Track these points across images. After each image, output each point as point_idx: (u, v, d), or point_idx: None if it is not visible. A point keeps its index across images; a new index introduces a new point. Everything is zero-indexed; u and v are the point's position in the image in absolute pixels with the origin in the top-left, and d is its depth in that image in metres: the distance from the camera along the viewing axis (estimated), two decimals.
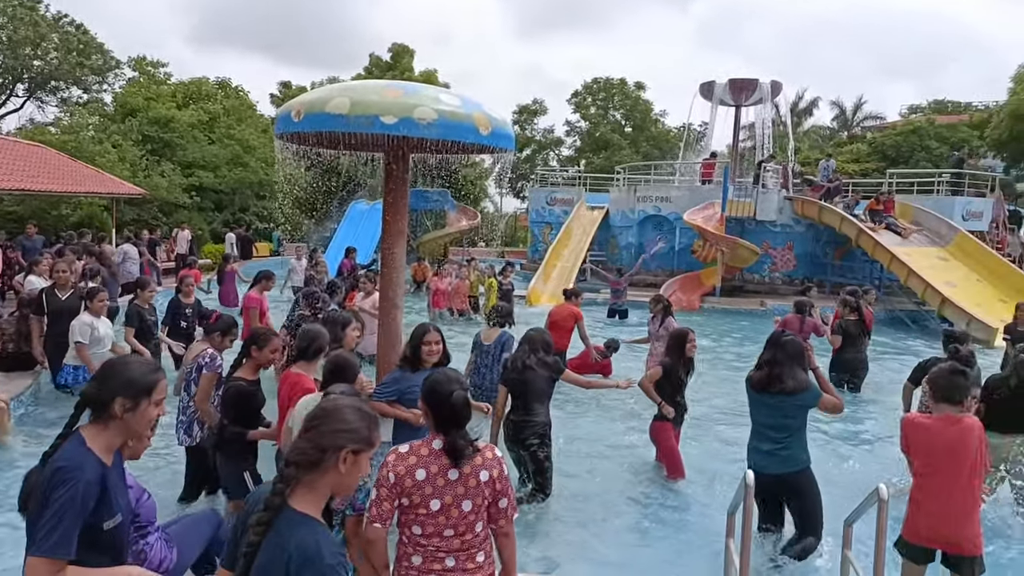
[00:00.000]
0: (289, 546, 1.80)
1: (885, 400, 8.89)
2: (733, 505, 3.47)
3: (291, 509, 1.88)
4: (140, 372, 2.37)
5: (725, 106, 24.28)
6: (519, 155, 51.62)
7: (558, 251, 22.17)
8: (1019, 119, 30.98)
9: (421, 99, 5.01)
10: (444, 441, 2.62)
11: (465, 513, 2.60)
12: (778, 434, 4.47)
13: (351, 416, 2.00)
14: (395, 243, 6.11)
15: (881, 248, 16.93)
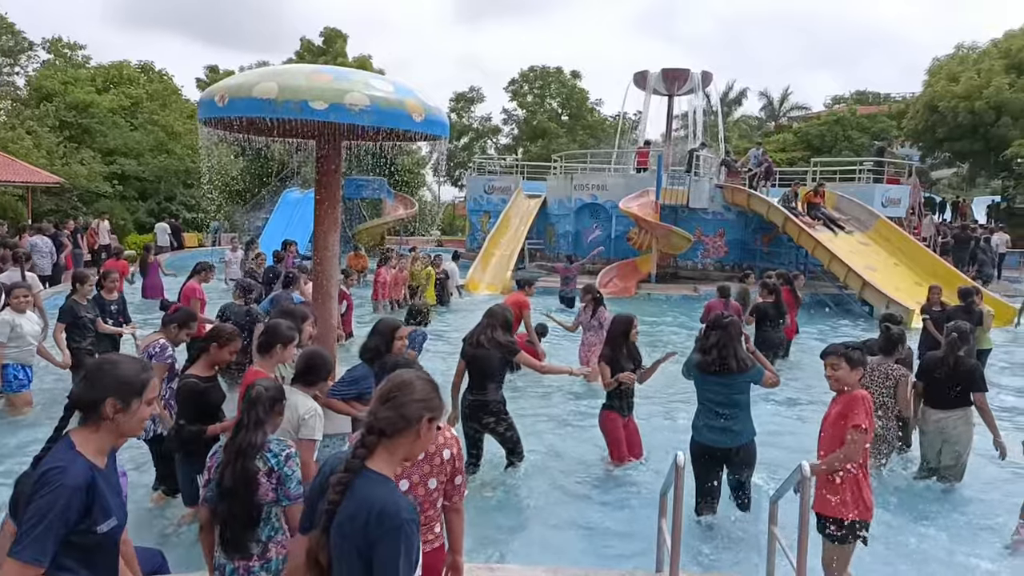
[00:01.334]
0: (368, 502, 1.96)
1: (806, 379, 9.26)
2: (665, 486, 3.56)
3: (369, 470, 2.03)
4: (131, 371, 2.32)
5: (658, 95, 24.68)
6: (456, 143, 51.36)
7: (496, 239, 22.18)
8: (933, 110, 32.53)
9: (352, 84, 4.90)
10: None
11: (431, 491, 2.70)
12: (729, 410, 4.85)
13: (423, 387, 2.16)
14: (328, 233, 5.99)
15: (806, 235, 17.56)
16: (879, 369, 5.86)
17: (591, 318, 8.62)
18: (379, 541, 1.92)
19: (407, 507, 2.01)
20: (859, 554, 3.92)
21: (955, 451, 5.80)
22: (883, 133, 35.17)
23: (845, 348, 4.09)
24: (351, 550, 1.96)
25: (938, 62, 35.72)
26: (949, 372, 5.78)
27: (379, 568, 1.93)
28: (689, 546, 4.59)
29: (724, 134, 28.93)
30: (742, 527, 4.99)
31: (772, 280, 10.00)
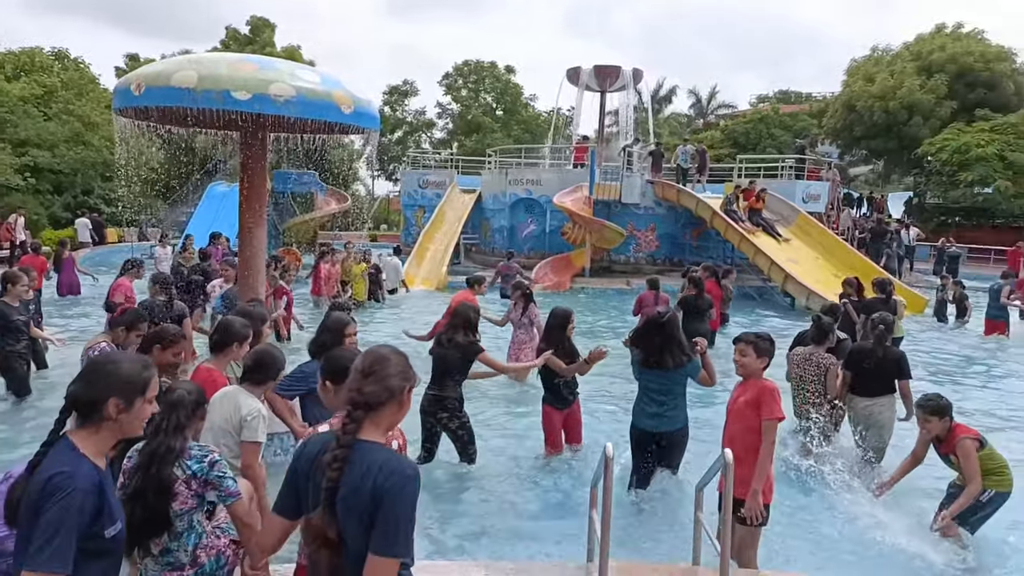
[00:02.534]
0: (372, 467, 2.02)
1: (731, 370, 9.55)
2: (595, 477, 3.61)
3: (361, 441, 2.08)
4: (133, 370, 2.26)
5: (591, 91, 24.97)
6: (390, 137, 50.77)
7: (431, 234, 22.04)
8: (851, 109, 34.04)
9: (277, 74, 4.78)
10: None
11: None
12: (665, 397, 5.16)
13: (398, 359, 2.22)
14: (254, 228, 5.83)
15: (732, 229, 18.11)
16: (812, 358, 6.17)
17: (521, 315, 8.54)
18: (387, 494, 1.98)
19: (412, 464, 2.12)
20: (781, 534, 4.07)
21: (880, 435, 6.08)
22: (804, 131, 36.56)
23: (756, 337, 4.27)
24: (361, 516, 2.01)
25: (855, 63, 37.41)
26: (878, 361, 6.06)
27: (385, 518, 1.98)
28: (620, 535, 4.68)
29: (655, 131, 29.54)
30: (672, 515, 5.12)
31: (696, 274, 10.29)
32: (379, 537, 1.99)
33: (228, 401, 3.56)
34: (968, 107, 31.67)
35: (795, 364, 6.43)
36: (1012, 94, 32.31)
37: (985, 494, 4.58)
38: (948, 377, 9.97)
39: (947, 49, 32.61)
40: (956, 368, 10.68)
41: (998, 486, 4.62)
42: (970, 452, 4.55)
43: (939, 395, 4.93)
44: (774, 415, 3.96)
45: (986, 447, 4.69)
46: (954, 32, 34.46)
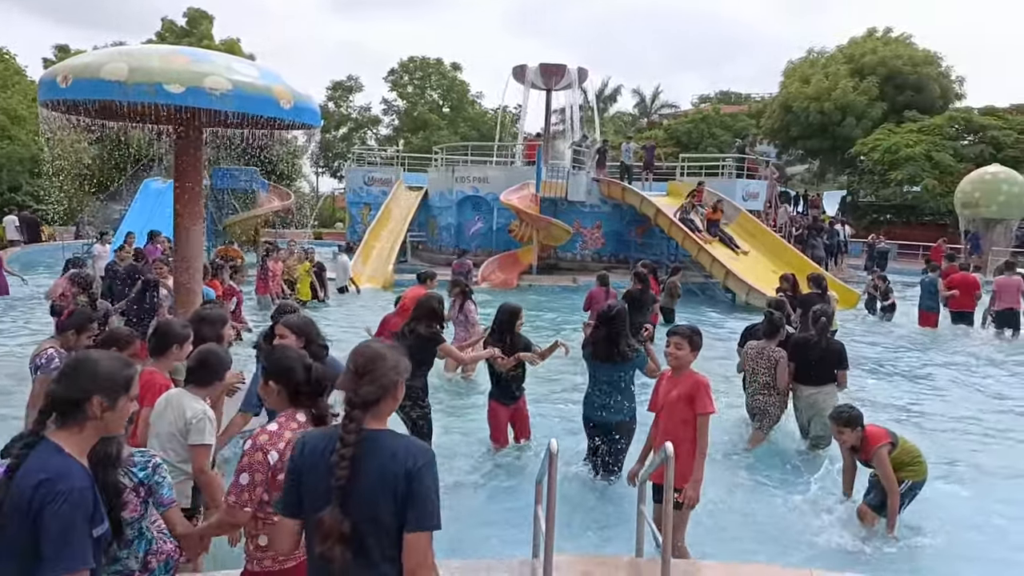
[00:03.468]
0: (399, 451, 2.13)
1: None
2: (540, 473, 3.64)
3: (373, 431, 2.15)
4: (115, 368, 2.27)
5: (537, 89, 25.06)
6: (335, 133, 50.00)
7: (377, 232, 21.79)
8: (788, 110, 35.09)
9: (212, 67, 4.65)
10: (309, 412, 2.71)
11: None
12: (613, 389, 5.37)
13: (392, 354, 2.26)
14: (190, 226, 5.66)
15: (676, 227, 18.45)
16: (764, 352, 6.47)
17: (458, 312, 8.46)
18: (419, 473, 2.11)
19: (429, 445, 2.27)
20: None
21: (824, 422, 6.29)
22: (744, 131, 37.51)
23: (691, 331, 4.39)
24: (395, 497, 2.10)
25: (792, 65, 38.57)
26: (821, 352, 6.39)
27: (420, 496, 2.11)
28: (566, 530, 4.73)
29: (600, 129, 29.86)
30: (617, 507, 5.19)
31: (642, 270, 10.49)
32: (416, 515, 2.11)
33: (172, 406, 3.46)
34: (897, 108, 33.01)
35: (749, 358, 6.70)
36: (938, 97, 33.81)
37: (903, 485, 4.77)
38: (881, 368, 10.38)
39: (878, 52, 33.92)
40: (889, 360, 11.12)
41: (914, 476, 4.83)
42: (884, 461, 4.70)
43: (850, 406, 5.19)
44: (707, 409, 4.10)
45: (898, 445, 4.86)
46: (884, 36, 35.86)
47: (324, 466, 2.12)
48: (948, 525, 5.04)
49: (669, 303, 13.05)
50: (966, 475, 6.18)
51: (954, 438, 7.28)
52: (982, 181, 23.80)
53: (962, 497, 5.67)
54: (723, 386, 8.32)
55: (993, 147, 29.30)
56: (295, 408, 2.76)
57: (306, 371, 2.76)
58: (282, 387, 2.76)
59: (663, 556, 3.41)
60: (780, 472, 6.05)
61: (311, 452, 2.19)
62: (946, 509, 5.31)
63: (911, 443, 5.04)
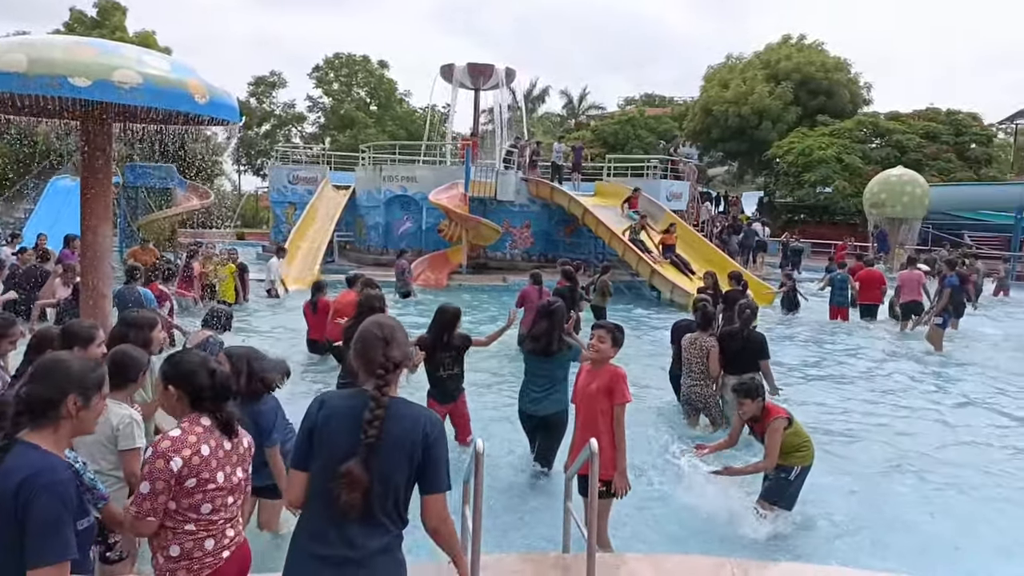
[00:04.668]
0: (420, 418, 2.40)
1: None
2: (467, 473, 3.64)
3: (396, 398, 2.38)
4: (87, 367, 2.37)
5: (465, 89, 25.02)
6: (257, 130, 48.58)
7: (303, 232, 21.29)
8: (708, 113, 36.22)
9: (122, 60, 4.44)
10: (213, 416, 2.69)
11: (240, 479, 2.75)
12: (547, 382, 5.56)
13: (401, 327, 2.51)
14: (98, 225, 5.39)
15: (603, 226, 18.78)
16: (697, 342, 6.83)
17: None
18: (435, 439, 2.38)
19: (438, 415, 2.52)
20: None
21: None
22: (668, 133, 38.49)
23: (615, 327, 4.53)
24: (412, 459, 2.34)
25: (712, 70, 39.81)
26: (743, 343, 6.80)
27: (435, 460, 2.38)
28: (496, 532, 4.74)
29: (529, 129, 30.06)
30: (546, 503, 5.23)
31: (569, 268, 10.70)
32: (433, 478, 2.39)
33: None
34: (811, 113, 34.53)
35: (684, 349, 7.02)
36: (848, 101, 35.54)
37: (793, 471, 4.93)
38: (799, 360, 10.84)
39: (792, 59, 35.39)
40: (804, 352, 11.63)
41: (803, 461, 4.97)
42: (776, 431, 4.86)
43: (752, 378, 5.41)
44: (625, 399, 4.23)
45: (793, 425, 5.03)
46: (798, 43, 37.43)
47: (347, 425, 2.31)
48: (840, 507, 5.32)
49: (601, 302, 13.24)
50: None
51: (855, 426, 7.67)
52: (888, 183, 25.17)
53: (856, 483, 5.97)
54: (656, 380, 8.58)
55: (898, 150, 31.05)
56: (198, 413, 2.68)
57: (210, 376, 2.69)
58: (183, 392, 2.68)
59: (588, 550, 3.46)
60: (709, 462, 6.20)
61: (332, 411, 2.37)
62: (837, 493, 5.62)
63: (803, 430, 5.19)
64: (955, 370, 10.53)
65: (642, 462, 5.96)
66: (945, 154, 31.40)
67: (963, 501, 5.64)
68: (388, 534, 2.38)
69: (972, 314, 15.44)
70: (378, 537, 2.36)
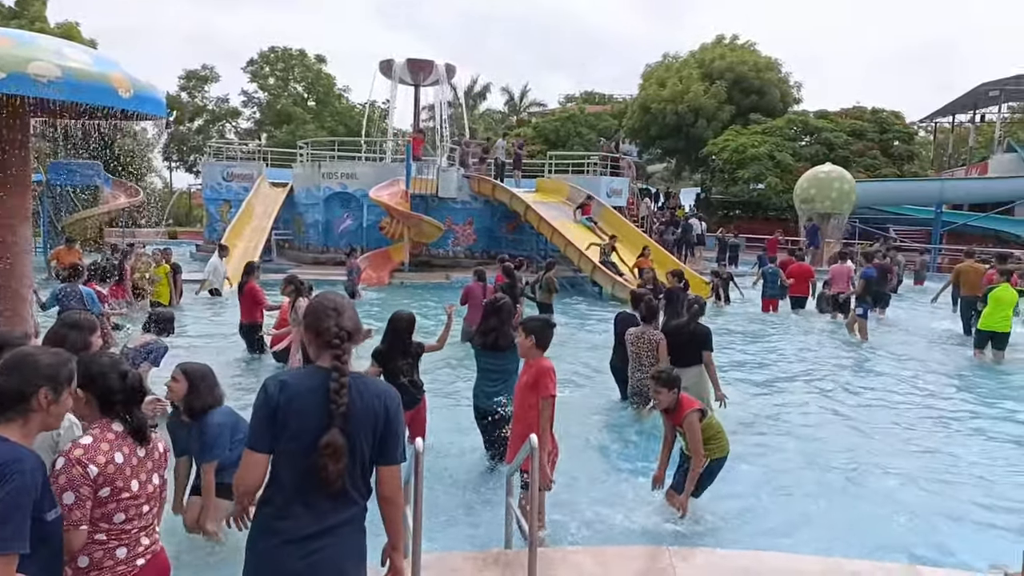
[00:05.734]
0: (379, 392, 2.50)
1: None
2: (407, 473, 3.62)
3: (353, 373, 2.47)
4: (57, 361, 2.36)
5: (405, 85, 24.80)
6: (189, 126, 47.09)
7: (238, 230, 20.72)
8: (646, 111, 36.81)
9: (38, 52, 4.24)
10: (124, 421, 2.64)
11: (157, 486, 2.71)
12: (499, 376, 5.72)
13: (351, 303, 2.63)
14: (17, 224, 5.13)
15: (545, 222, 18.91)
16: (645, 336, 7.01)
17: (291, 310, 8.11)
18: (395, 412, 2.50)
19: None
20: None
21: (700, 399, 6.73)
22: (607, 130, 38.97)
23: (538, 323, 4.64)
24: (375, 431, 2.43)
25: (649, 68, 40.48)
26: (690, 335, 6.98)
27: (393, 432, 2.48)
28: (439, 533, 4.73)
29: (470, 126, 30.01)
30: (489, 500, 5.25)
31: (509, 264, 10.82)
32: (392, 449, 2.48)
33: None
34: (744, 111, 35.48)
35: (630, 343, 7.15)
36: (779, 100, 36.65)
37: (703, 462, 4.97)
38: (732, 351, 11.16)
39: (726, 58, 36.27)
40: (739, 343, 11.97)
41: (713, 453, 5.05)
42: (695, 425, 4.94)
43: (671, 368, 5.54)
44: (548, 392, 4.28)
45: (707, 416, 5.13)
46: (731, 43, 38.39)
47: (314, 400, 2.36)
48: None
49: (547, 298, 13.33)
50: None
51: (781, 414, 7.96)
52: (817, 179, 26.09)
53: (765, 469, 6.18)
54: (600, 373, 8.72)
55: (826, 148, 32.20)
56: (108, 418, 2.61)
57: (121, 378, 2.63)
58: (91, 395, 2.60)
59: (530, 546, 3.49)
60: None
61: (295, 391, 2.38)
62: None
63: (716, 420, 5.29)
64: (875, 358, 11.04)
65: (576, 459, 6.06)
66: (870, 151, 32.73)
67: (878, 485, 5.87)
68: (355, 506, 2.46)
69: (901, 307, 16.22)
70: (346, 510, 2.43)
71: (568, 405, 7.86)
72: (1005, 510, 5.37)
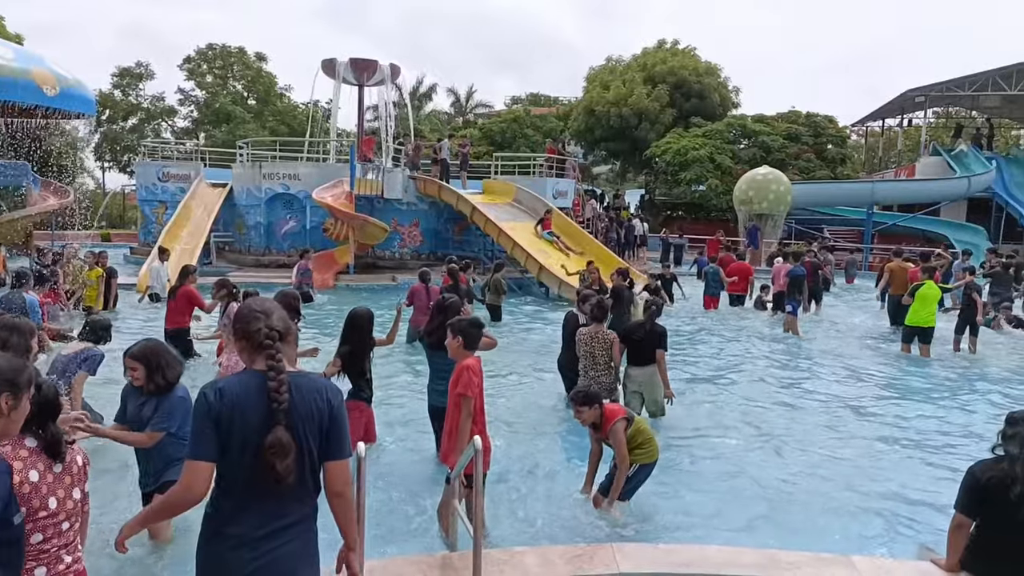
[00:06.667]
0: (321, 388, 2.49)
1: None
2: (351, 474, 3.58)
3: (292, 371, 2.48)
4: (16, 366, 2.37)
5: (349, 84, 24.48)
6: (123, 124, 45.48)
7: (175, 232, 20.09)
8: (591, 113, 37.23)
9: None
10: (40, 437, 2.57)
11: (76, 501, 2.66)
12: (449, 374, 5.50)
13: (280, 311, 2.58)
14: None
15: (491, 224, 18.92)
16: (598, 335, 7.12)
17: (222, 315, 7.87)
18: (339, 408, 2.51)
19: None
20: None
21: (654, 399, 7.27)
22: (553, 132, 39.28)
23: (463, 324, 4.65)
24: (321, 427, 2.44)
25: (593, 71, 40.96)
26: (645, 335, 7.21)
27: (339, 428, 2.49)
28: (393, 530, 4.69)
29: (416, 126, 29.80)
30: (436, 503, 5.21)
31: (453, 266, 10.87)
32: (338, 445, 2.49)
33: None
34: (685, 114, 36.24)
35: (583, 343, 7.23)
36: (718, 104, 37.54)
37: (632, 468, 5.04)
38: (681, 350, 11.38)
39: (667, 62, 36.97)
40: (688, 343, 12.22)
41: (641, 459, 5.09)
42: (619, 435, 4.98)
43: (588, 386, 5.67)
44: (465, 390, 4.29)
45: (633, 423, 5.16)
46: (673, 48, 39.14)
47: (255, 403, 2.35)
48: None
49: (496, 300, 13.35)
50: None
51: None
52: (755, 181, 26.84)
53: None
54: (548, 374, 8.78)
55: (764, 151, 33.16)
56: (21, 434, 2.51)
57: (35, 391, 2.53)
58: (17, 401, 2.46)
59: (475, 547, 3.49)
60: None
61: (235, 396, 2.37)
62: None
63: (646, 425, 5.34)
64: (807, 353, 11.48)
65: (523, 458, 6.10)
66: (805, 154, 33.84)
67: (811, 478, 6.06)
68: (306, 506, 2.48)
69: (834, 304, 16.81)
70: (296, 510, 2.45)
71: (515, 404, 7.94)
72: (918, 502, 5.58)
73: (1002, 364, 10.95)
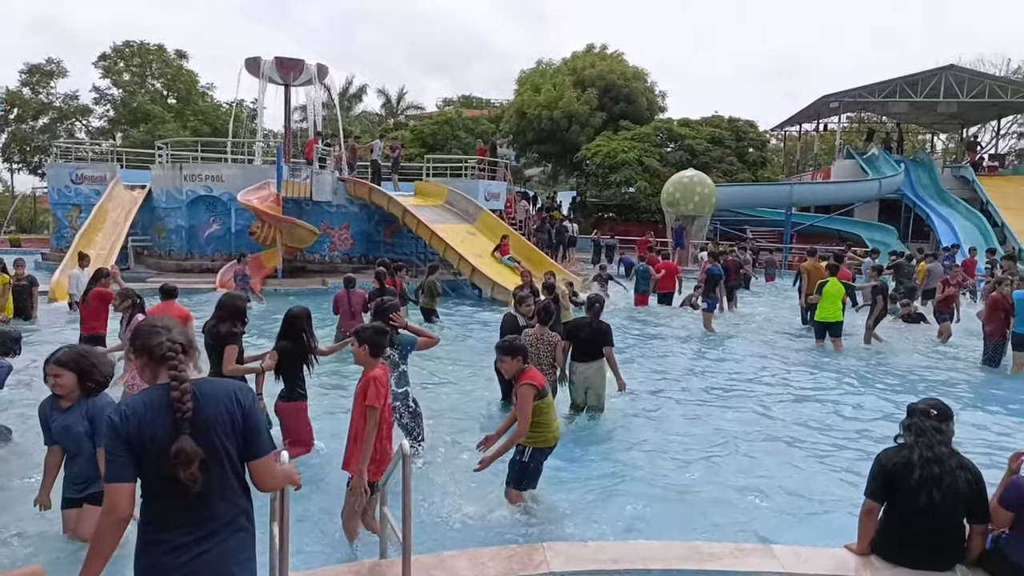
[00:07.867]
0: (230, 392, 2.53)
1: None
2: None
3: (197, 379, 2.52)
4: None
5: (274, 84, 23.89)
6: (32, 124, 43.12)
7: (90, 236, 19.20)
8: (523, 116, 37.47)
9: None
10: None
11: None
12: (394, 372, 5.76)
13: (179, 327, 2.61)
14: None
15: (423, 226, 18.81)
16: (543, 337, 7.24)
17: (125, 327, 7.43)
18: (251, 407, 2.53)
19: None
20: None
21: (597, 393, 7.47)
22: (485, 134, 39.34)
23: (371, 332, 4.61)
24: (235, 429, 2.48)
25: (524, 74, 41.24)
26: (590, 332, 7.37)
27: (256, 426, 2.53)
28: (314, 542, 4.60)
29: (346, 128, 29.30)
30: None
31: (381, 269, 10.90)
32: (256, 444, 2.53)
33: None
34: (614, 118, 36.88)
35: (529, 344, 7.08)
36: (646, 108, 38.36)
37: (525, 451, 5.05)
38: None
39: (596, 67, 37.54)
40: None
41: (535, 443, 5.05)
42: (526, 396, 4.94)
43: (516, 337, 5.73)
44: (372, 403, 4.24)
45: (544, 399, 5.07)
46: (601, 52, 39.78)
47: (160, 416, 2.38)
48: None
49: (430, 303, 13.24)
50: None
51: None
52: (681, 183, 27.56)
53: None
54: (484, 377, 8.78)
55: (689, 153, 34.09)
56: None
57: None
58: None
59: (404, 553, 3.46)
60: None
61: (141, 414, 2.39)
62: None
63: (554, 411, 5.19)
64: (725, 348, 11.90)
65: (452, 462, 6.10)
66: (728, 157, 34.96)
67: (727, 470, 6.26)
68: (235, 507, 2.53)
69: (753, 301, 17.44)
70: (226, 509, 2.50)
71: (448, 407, 7.91)
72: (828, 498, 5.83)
73: (905, 357, 11.55)
